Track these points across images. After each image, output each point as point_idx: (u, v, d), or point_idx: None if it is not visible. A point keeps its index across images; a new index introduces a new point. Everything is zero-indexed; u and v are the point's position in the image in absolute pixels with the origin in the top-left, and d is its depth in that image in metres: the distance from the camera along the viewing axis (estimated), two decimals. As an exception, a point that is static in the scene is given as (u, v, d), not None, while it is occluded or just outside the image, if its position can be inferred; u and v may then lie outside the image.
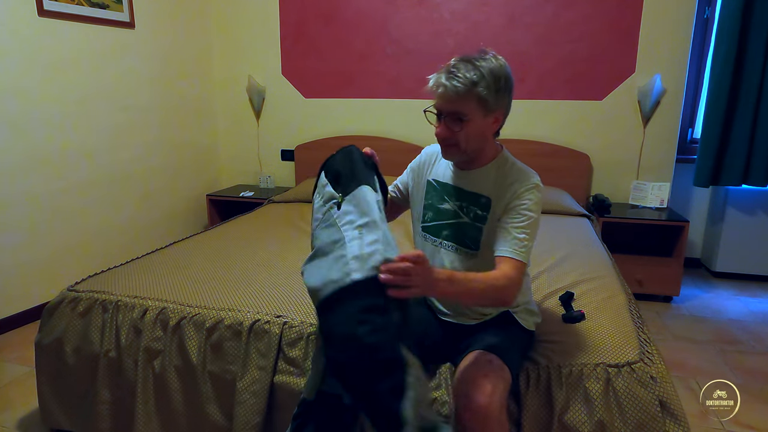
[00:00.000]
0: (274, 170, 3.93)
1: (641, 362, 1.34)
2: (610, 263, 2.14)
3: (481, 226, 1.35)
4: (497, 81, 1.23)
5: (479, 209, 1.36)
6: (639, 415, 1.28)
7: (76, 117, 2.82)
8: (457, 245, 1.40)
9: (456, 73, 1.21)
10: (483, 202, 1.35)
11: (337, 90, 3.66)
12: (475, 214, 1.36)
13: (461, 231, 1.38)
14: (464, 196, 1.38)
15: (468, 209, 1.37)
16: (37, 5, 2.55)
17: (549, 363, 1.38)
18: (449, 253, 1.41)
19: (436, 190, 1.44)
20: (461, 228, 1.39)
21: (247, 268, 2.00)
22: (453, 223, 1.40)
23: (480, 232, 1.36)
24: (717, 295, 3.11)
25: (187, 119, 3.65)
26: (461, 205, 1.38)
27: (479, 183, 1.36)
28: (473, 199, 1.36)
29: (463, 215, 1.38)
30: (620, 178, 3.34)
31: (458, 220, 1.39)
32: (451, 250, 1.41)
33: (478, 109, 1.24)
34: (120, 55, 3.05)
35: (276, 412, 1.53)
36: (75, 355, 1.70)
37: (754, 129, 3.02)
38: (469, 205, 1.37)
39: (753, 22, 2.90)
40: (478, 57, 1.24)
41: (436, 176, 1.45)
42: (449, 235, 1.41)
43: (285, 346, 1.52)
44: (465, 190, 1.38)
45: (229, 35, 3.80)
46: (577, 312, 1.60)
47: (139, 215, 3.30)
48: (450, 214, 1.40)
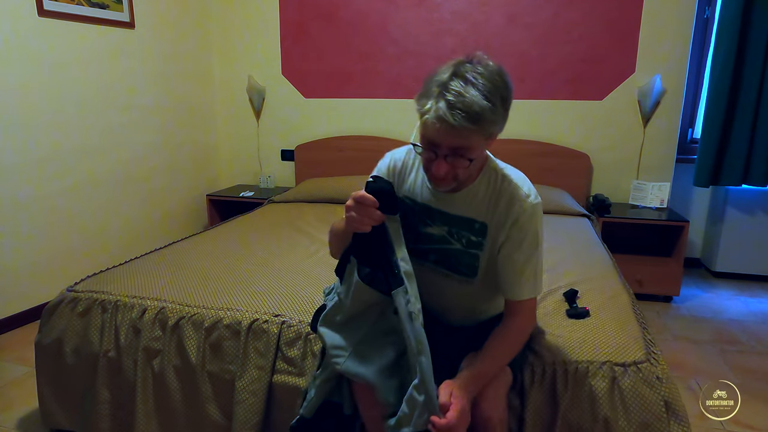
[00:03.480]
0: (274, 170, 3.93)
1: (648, 362, 1.34)
2: (611, 263, 2.14)
3: (477, 252, 1.22)
4: (504, 102, 1.05)
5: (473, 235, 1.20)
6: (644, 415, 1.28)
7: (76, 117, 2.82)
8: (449, 272, 1.26)
9: (460, 105, 0.99)
10: (477, 228, 1.20)
11: (337, 90, 3.66)
12: (469, 241, 1.21)
13: (453, 257, 1.24)
14: (452, 222, 1.21)
15: (459, 234, 1.21)
16: (37, 5, 2.55)
17: (555, 359, 1.38)
18: (440, 278, 1.28)
19: (413, 210, 1.26)
20: (453, 254, 1.24)
21: (246, 267, 2.00)
22: (441, 249, 1.25)
23: (476, 259, 1.22)
24: (717, 295, 3.11)
25: (187, 119, 3.65)
26: (450, 230, 1.22)
27: (469, 206, 1.19)
28: (464, 225, 1.20)
29: (454, 241, 1.22)
30: (620, 178, 3.34)
31: (447, 246, 1.23)
32: (442, 275, 1.27)
33: (484, 139, 1.06)
34: (120, 55, 3.05)
35: (275, 412, 1.53)
36: (74, 355, 1.70)
37: (754, 129, 3.02)
38: (459, 231, 1.21)
39: (753, 22, 2.90)
40: (476, 72, 1.02)
41: (411, 194, 1.26)
42: (438, 260, 1.26)
43: (283, 346, 1.52)
44: (452, 215, 1.21)
45: (229, 35, 3.80)
46: (582, 308, 1.61)
47: (139, 215, 3.30)
48: (435, 238, 1.24)
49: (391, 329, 1.20)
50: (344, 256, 1.25)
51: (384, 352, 1.21)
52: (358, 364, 1.20)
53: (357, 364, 1.20)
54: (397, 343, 1.20)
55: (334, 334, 1.25)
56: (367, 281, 1.18)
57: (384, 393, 1.18)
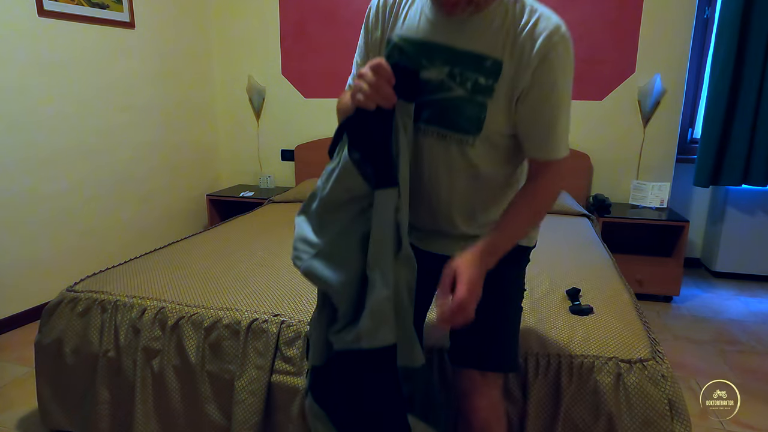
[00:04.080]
0: (274, 170, 3.93)
1: (653, 360, 1.34)
2: (611, 263, 2.14)
3: (485, 100, 0.97)
4: None
5: (482, 76, 0.96)
6: (647, 412, 1.28)
7: (76, 117, 2.82)
8: (446, 129, 1.02)
9: None
10: (488, 67, 0.96)
11: (337, 90, 3.66)
12: (475, 85, 0.97)
13: (453, 109, 1.00)
14: (457, 59, 0.97)
15: (463, 77, 0.97)
16: (37, 5, 2.55)
17: (560, 352, 1.38)
18: (432, 144, 1.04)
19: (406, 54, 1.02)
20: (453, 105, 0.99)
21: (246, 267, 2.00)
22: (438, 100, 1.00)
23: (483, 109, 0.98)
24: (717, 295, 3.11)
25: (187, 119, 3.65)
26: (452, 71, 0.98)
27: (480, 37, 0.96)
28: (472, 63, 0.96)
29: (456, 86, 0.98)
30: (620, 178, 3.34)
31: (447, 95, 0.99)
32: (436, 138, 1.03)
33: None
34: (120, 55, 3.05)
35: (274, 412, 1.53)
36: (74, 356, 1.70)
37: (754, 129, 3.02)
38: (464, 71, 0.97)
39: (753, 22, 2.90)
40: None
41: (406, 32, 1.02)
42: (433, 117, 1.02)
43: (282, 345, 1.52)
44: (458, 49, 0.97)
45: (229, 35, 3.80)
46: (585, 305, 1.62)
47: (139, 215, 3.30)
48: (432, 86, 1.00)
49: (367, 237, 1.01)
50: (338, 132, 1.05)
51: (354, 261, 1.02)
52: (324, 266, 1.01)
53: (323, 266, 1.01)
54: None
55: (306, 225, 1.06)
56: (356, 164, 0.99)
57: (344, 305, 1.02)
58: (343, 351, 1.04)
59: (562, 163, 1.02)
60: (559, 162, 1.01)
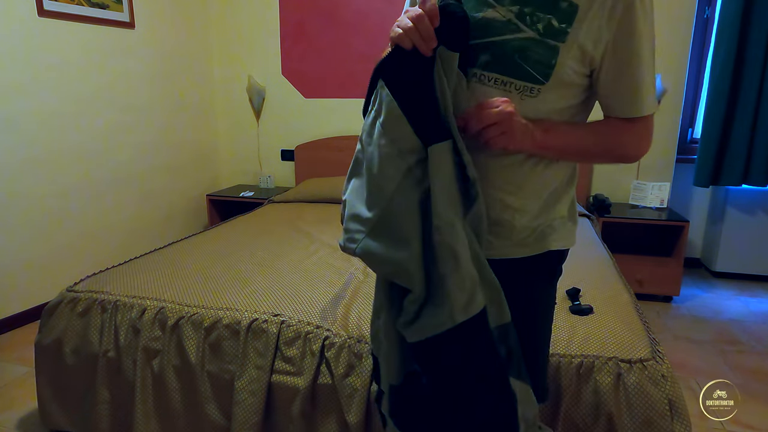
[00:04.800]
0: (274, 170, 3.93)
1: (653, 360, 1.34)
2: (611, 263, 2.14)
3: (558, 45, 0.86)
4: None
5: (555, 18, 0.86)
6: (647, 412, 1.28)
7: (76, 117, 2.82)
8: (508, 76, 0.89)
9: None
10: (564, 9, 0.85)
11: (337, 90, 3.66)
12: (548, 27, 0.86)
13: (519, 52, 0.87)
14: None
15: (534, 17, 0.86)
16: (37, 5, 2.55)
17: (560, 352, 1.38)
18: (489, 94, 0.90)
19: None
20: (520, 48, 0.87)
21: (246, 267, 2.00)
22: (501, 42, 0.88)
23: (554, 54, 0.86)
24: (717, 295, 3.11)
25: (187, 119, 3.65)
26: (521, 11, 0.87)
27: None
28: (547, 4, 0.86)
29: (525, 27, 0.87)
30: (620, 178, 3.34)
31: (513, 36, 0.87)
32: (494, 86, 0.89)
33: None
34: (120, 55, 3.05)
35: (274, 412, 1.53)
36: (74, 356, 1.70)
37: (754, 129, 3.02)
38: (536, 11, 0.86)
39: (753, 22, 2.90)
40: None
41: None
42: (493, 61, 0.89)
43: (282, 345, 1.52)
44: None
45: (229, 35, 3.80)
46: (585, 305, 1.62)
47: (138, 215, 3.30)
48: (495, 27, 0.88)
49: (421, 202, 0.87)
50: (372, 81, 0.91)
51: (414, 230, 0.87)
52: (384, 243, 0.87)
53: (382, 244, 0.88)
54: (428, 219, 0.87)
55: (355, 200, 0.93)
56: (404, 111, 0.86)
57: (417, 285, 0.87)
58: (427, 339, 0.88)
59: (649, 120, 0.94)
60: (645, 119, 0.93)
